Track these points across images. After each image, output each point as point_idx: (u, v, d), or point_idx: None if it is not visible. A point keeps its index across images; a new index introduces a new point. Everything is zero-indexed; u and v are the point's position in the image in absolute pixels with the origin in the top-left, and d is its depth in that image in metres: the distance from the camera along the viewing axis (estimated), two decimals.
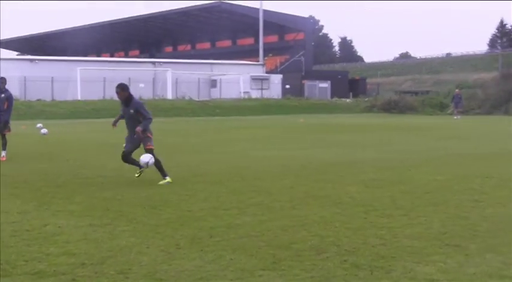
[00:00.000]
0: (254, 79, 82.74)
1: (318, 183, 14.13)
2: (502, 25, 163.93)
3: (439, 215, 10.45)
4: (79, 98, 64.89)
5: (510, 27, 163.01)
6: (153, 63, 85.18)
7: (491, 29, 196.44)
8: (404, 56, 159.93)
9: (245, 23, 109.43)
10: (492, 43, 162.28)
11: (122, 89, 14.59)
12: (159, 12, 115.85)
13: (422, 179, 14.92)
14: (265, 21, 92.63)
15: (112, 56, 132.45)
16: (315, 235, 8.93)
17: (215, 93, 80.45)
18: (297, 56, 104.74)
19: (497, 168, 16.99)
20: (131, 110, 14.47)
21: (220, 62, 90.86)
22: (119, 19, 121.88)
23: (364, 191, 13.05)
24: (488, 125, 42.69)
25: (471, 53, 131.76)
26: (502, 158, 19.94)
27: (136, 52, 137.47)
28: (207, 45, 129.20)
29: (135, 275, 7.10)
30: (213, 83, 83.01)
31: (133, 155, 14.73)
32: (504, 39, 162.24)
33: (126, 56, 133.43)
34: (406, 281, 6.84)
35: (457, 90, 62.10)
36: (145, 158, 14.28)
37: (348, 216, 10.30)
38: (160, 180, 14.36)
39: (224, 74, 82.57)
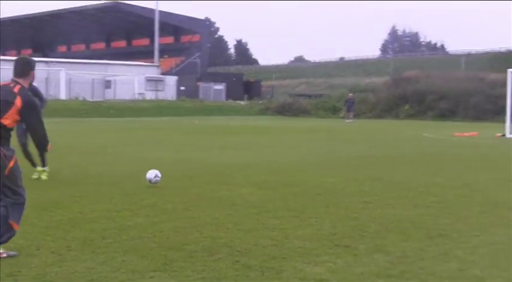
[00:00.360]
0: (149, 80, 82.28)
1: (211, 185, 14.17)
2: (393, 31, 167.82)
3: (330, 216, 10.62)
4: None
5: (401, 33, 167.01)
6: (46, 62, 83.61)
7: (384, 35, 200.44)
8: (299, 59, 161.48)
9: (141, 23, 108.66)
10: (384, 48, 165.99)
11: None
12: (53, 11, 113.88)
13: (313, 181, 15.13)
14: (161, 23, 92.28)
15: (4, 54, 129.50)
16: (207, 236, 8.97)
17: (109, 94, 79.59)
18: (193, 57, 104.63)
19: (386, 171, 17.36)
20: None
21: (115, 63, 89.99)
22: (10, 17, 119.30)
23: (256, 193, 13.15)
24: (379, 129, 43.56)
25: (364, 57, 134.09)
26: (391, 161, 20.39)
27: (29, 51, 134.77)
28: (101, 45, 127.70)
29: (25, 277, 7.00)
30: (107, 84, 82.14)
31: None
32: (395, 45, 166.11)
33: (19, 55, 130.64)
34: (296, 281, 6.93)
35: (350, 94, 63.16)
36: (151, 174, 14.10)
37: (240, 218, 10.37)
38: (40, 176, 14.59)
39: (119, 75, 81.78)
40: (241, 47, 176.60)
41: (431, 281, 6.97)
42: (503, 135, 35.89)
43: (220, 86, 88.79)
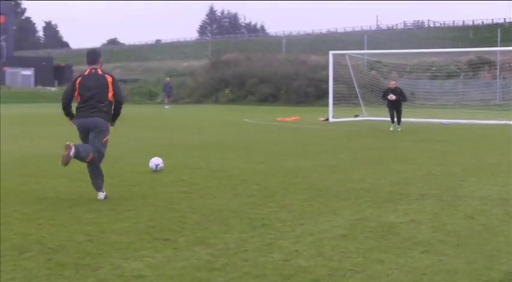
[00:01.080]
0: None
1: (21, 178, 13.86)
2: (212, 12, 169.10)
3: (148, 208, 10.62)
4: None
5: (220, 15, 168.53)
6: None
7: (201, 16, 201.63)
8: (113, 42, 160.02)
9: None
10: (202, 30, 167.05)
11: None
12: None
13: (130, 171, 15.08)
14: None
15: None
16: (17, 233, 8.75)
17: None
18: None
19: (207, 159, 17.51)
20: None
21: None
22: None
23: (69, 185, 12.98)
24: (198, 114, 43.83)
25: (181, 40, 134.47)
26: (212, 148, 20.57)
27: None
28: None
29: None
30: None
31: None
32: (214, 26, 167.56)
33: None
34: (114, 278, 6.87)
35: (167, 78, 63.13)
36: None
37: (52, 212, 10.19)
38: None
39: None
40: (50, 29, 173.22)
41: (255, 273, 7.05)
42: (326, 120, 37.00)
43: (28, 71, 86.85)
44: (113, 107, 11.76)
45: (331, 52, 40.36)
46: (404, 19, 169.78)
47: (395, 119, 29.68)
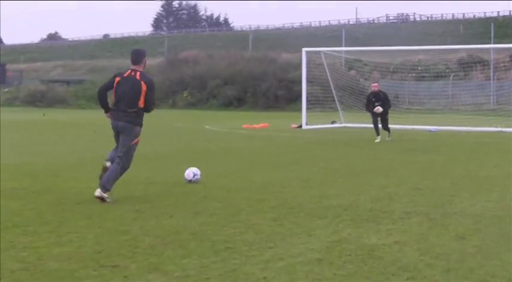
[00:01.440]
0: None
1: None
2: (168, 3, 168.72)
3: (94, 230, 10.51)
4: None
5: (177, 6, 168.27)
6: None
7: (156, 8, 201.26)
8: (53, 37, 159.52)
9: None
10: (157, 24, 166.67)
11: None
12: None
13: (73, 187, 14.95)
14: None
15: None
16: None
17: None
18: None
19: (161, 173, 17.48)
20: None
21: None
22: None
23: (1, 204, 12.83)
24: (152, 120, 43.65)
25: (133, 34, 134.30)
26: (166, 160, 20.53)
27: None
28: None
29: None
30: None
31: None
32: (170, 19, 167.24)
33: None
34: None
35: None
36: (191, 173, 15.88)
37: None
38: None
39: None
40: None
41: None
42: (299, 127, 37.00)
43: None
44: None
45: (304, 49, 40.41)
46: (386, 12, 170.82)
47: (381, 128, 28.49)
